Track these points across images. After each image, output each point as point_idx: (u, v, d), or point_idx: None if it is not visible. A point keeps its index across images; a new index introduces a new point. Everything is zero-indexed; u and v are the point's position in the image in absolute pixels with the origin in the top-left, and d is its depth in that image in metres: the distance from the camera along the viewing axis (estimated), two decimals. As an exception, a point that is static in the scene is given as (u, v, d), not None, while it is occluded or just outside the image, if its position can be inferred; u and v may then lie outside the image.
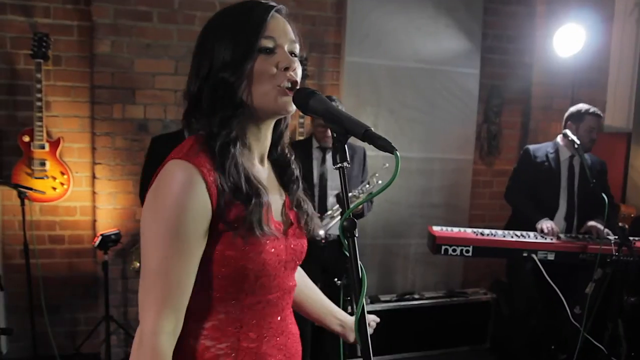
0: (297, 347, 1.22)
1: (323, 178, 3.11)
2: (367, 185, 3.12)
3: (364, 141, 1.00)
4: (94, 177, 3.58)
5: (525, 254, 3.01)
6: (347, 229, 1.00)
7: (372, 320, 1.47)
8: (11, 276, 3.44)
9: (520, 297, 3.51)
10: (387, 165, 3.22)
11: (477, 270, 4.36)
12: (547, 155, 3.36)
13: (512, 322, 3.75)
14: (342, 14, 3.95)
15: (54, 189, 3.43)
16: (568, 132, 3.25)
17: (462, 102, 4.19)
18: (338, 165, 1.03)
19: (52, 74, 3.52)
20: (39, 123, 3.35)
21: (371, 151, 3.48)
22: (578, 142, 3.14)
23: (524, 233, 3.13)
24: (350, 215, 1.01)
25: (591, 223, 3.13)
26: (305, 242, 1.22)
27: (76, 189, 3.55)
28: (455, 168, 4.24)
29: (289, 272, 1.18)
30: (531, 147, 3.49)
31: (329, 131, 1.06)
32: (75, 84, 3.57)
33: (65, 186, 3.46)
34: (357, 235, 1.01)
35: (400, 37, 4.00)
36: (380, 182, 3.28)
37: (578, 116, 3.29)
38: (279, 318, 1.15)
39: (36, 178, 3.37)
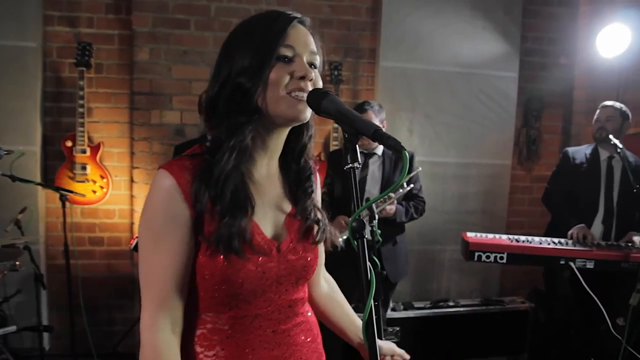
0: (308, 356, 1.21)
1: (361, 185, 3.08)
2: (400, 190, 3.08)
3: (374, 140, 0.99)
4: (132, 180, 3.68)
5: (562, 262, 2.89)
6: (356, 230, 0.99)
7: (399, 354, 1.43)
8: (53, 276, 3.58)
9: (558, 307, 3.39)
10: (420, 168, 3.18)
11: (515, 278, 4.24)
12: (585, 157, 3.27)
13: (550, 332, 3.62)
14: (377, 19, 3.94)
15: (94, 192, 3.55)
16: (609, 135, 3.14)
17: (500, 106, 4.10)
18: (349, 166, 1.02)
19: (94, 81, 3.66)
20: (81, 129, 3.48)
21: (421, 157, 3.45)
22: (620, 145, 3.03)
23: (562, 240, 3.02)
24: (359, 216, 1.00)
25: (634, 237, 3.00)
26: (311, 256, 1.19)
27: (115, 192, 3.67)
28: (492, 173, 4.15)
29: (287, 287, 1.16)
30: (570, 149, 3.41)
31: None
32: (116, 91, 3.69)
33: (104, 189, 3.58)
34: (366, 236, 1.00)
35: (436, 40, 3.95)
36: (412, 185, 3.23)
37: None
38: (272, 331, 1.14)
39: (77, 181, 3.50)
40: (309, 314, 1.25)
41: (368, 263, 0.98)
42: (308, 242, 1.20)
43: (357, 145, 1.04)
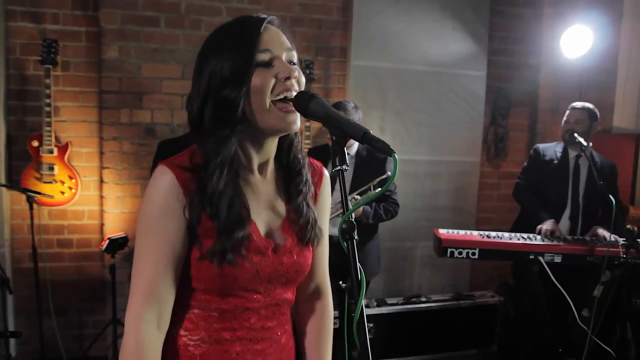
0: (284, 356, 1.23)
1: (332, 184, 3.08)
2: (369, 192, 3.10)
3: (362, 143, 1.00)
4: (101, 181, 3.61)
5: (531, 257, 2.99)
6: (346, 231, 1.01)
7: None
8: (20, 280, 3.48)
9: (527, 300, 3.50)
10: (390, 172, 3.21)
11: (484, 273, 4.34)
12: (555, 154, 3.37)
13: (519, 325, 3.73)
14: (348, 18, 3.96)
15: (62, 193, 3.46)
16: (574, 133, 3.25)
17: (469, 104, 4.19)
18: (337, 169, 1.03)
19: (61, 79, 3.56)
20: (48, 128, 3.39)
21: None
22: (585, 143, 3.14)
23: (531, 235, 3.11)
24: (349, 218, 1.01)
25: (598, 230, 3.11)
26: (305, 259, 1.21)
27: (84, 193, 3.58)
28: (462, 171, 4.23)
29: (278, 287, 1.18)
30: (541, 145, 3.51)
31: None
32: (84, 89, 3.60)
33: (73, 190, 3.49)
34: (356, 237, 1.01)
35: (406, 40, 4.00)
36: (379, 189, 3.26)
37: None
38: (260, 326, 1.16)
39: (45, 182, 3.41)
40: (290, 319, 1.27)
41: (358, 264, 1.00)
42: (303, 246, 1.21)
43: (345, 148, 1.05)
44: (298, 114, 1.10)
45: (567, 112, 3.38)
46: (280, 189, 1.22)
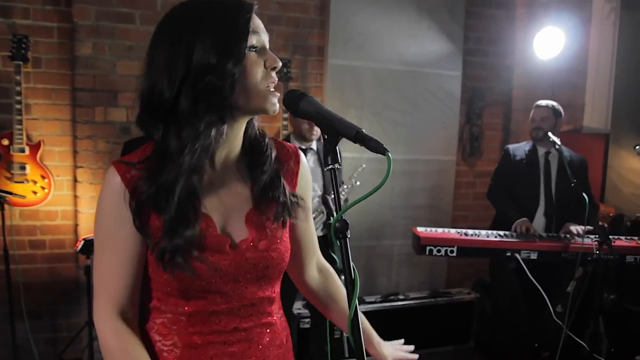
0: (268, 355, 1.17)
1: None
2: (345, 187, 3.13)
3: (355, 142, 1.00)
4: (75, 180, 3.53)
5: (508, 254, 3.05)
6: (340, 230, 1.01)
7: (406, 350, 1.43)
8: (-9, 282, 3.38)
9: (503, 296, 3.56)
10: (364, 166, 3.25)
11: (461, 270, 4.40)
12: (525, 153, 3.43)
13: (495, 321, 3.79)
14: (326, 17, 3.96)
15: (35, 193, 3.37)
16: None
17: (445, 104, 4.24)
18: (330, 167, 1.04)
19: (32, 76, 3.46)
20: (19, 126, 3.29)
21: (347, 153, 3.50)
22: (559, 142, 3.21)
23: (507, 233, 3.17)
24: (342, 217, 1.01)
25: (570, 227, 3.18)
26: (276, 252, 1.13)
27: (57, 193, 3.50)
28: (438, 169, 4.28)
29: (246, 285, 1.10)
30: (511, 146, 3.57)
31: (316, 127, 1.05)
32: (56, 87, 3.51)
33: (46, 190, 3.41)
34: (349, 236, 1.02)
35: (383, 39, 4.02)
36: (358, 183, 3.30)
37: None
38: (233, 328, 1.11)
39: (16, 182, 3.31)
40: (278, 316, 1.21)
41: (352, 262, 1.00)
42: (274, 237, 1.13)
43: (337, 147, 1.05)
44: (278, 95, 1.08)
45: (533, 110, 3.45)
46: (245, 176, 1.14)
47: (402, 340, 1.45)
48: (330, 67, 3.96)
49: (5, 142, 3.32)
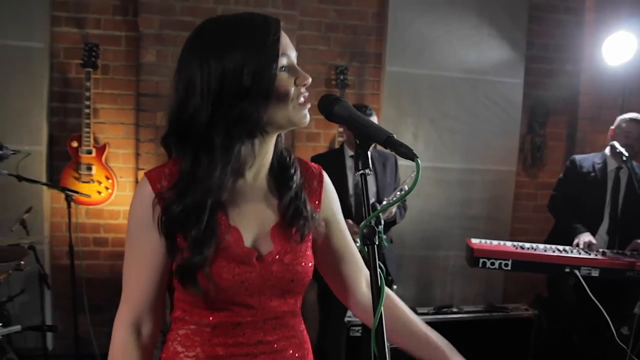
0: None
1: (358, 187, 3.08)
2: (399, 193, 3.08)
3: (385, 148, 0.99)
4: (137, 182, 3.69)
5: (567, 270, 2.89)
6: (367, 236, 0.99)
7: None
8: (58, 276, 3.58)
9: (561, 314, 3.39)
10: (414, 174, 3.17)
11: (518, 285, 4.23)
12: (593, 166, 3.26)
13: (554, 339, 3.61)
14: (383, 24, 3.95)
15: (99, 192, 3.56)
16: (615, 143, 3.13)
17: (505, 112, 4.11)
18: (360, 172, 1.03)
19: (101, 82, 3.67)
20: (87, 129, 3.49)
21: (401, 160, 3.45)
22: (626, 154, 3.03)
23: (567, 247, 3.02)
24: (370, 223, 1.00)
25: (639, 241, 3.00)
26: (301, 267, 1.12)
27: (120, 193, 3.67)
28: (496, 180, 4.15)
29: (272, 298, 1.11)
30: (578, 157, 3.39)
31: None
32: (122, 92, 3.70)
33: (109, 190, 3.58)
34: (376, 242, 1.00)
35: (442, 46, 3.96)
36: (406, 187, 3.23)
37: (617, 124, 3.22)
38: (257, 341, 1.11)
39: (83, 182, 3.51)
40: (301, 330, 1.20)
41: (379, 270, 0.99)
42: (299, 252, 1.13)
43: (368, 152, 1.04)
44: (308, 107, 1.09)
45: (625, 124, 3.17)
46: (272, 191, 1.15)
47: None
48: (387, 74, 3.93)
49: (75, 144, 3.52)
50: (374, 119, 3.09)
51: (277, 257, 1.11)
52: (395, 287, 3.05)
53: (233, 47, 1.01)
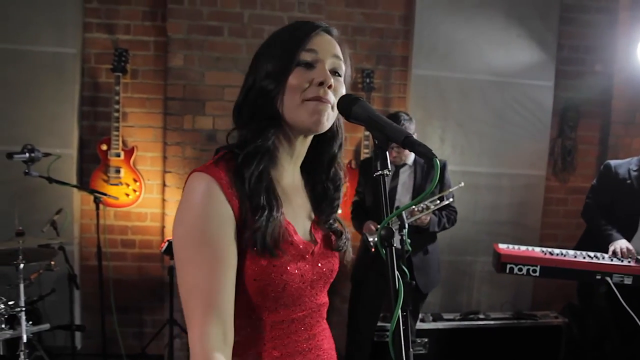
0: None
1: (392, 194, 3.03)
2: (438, 201, 3.01)
3: (404, 148, 0.98)
4: (164, 185, 3.73)
5: (598, 277, 2.81)
6: (385, 238, 0.98)
7: None
8: (86, 276, 3.65)
9: (593, 323, 3.29)
10: (463, 184, 3.08)
11: (548, 292, 4.12)
12: (629, 172, 3.15)
13: (584, 348, 3.51)
14: (410, 27, 3.92)
15: (127, 195, 3.62)
16: None
17: (535, 115, 4.02)
18: (378, 173, 1.01)
19: (130, 86, 3.74)
20: (116, 133, 3.56)
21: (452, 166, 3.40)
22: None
23: (598, 254, 2.93)
24: (388, 224, 0.99)
25: None
26: (335, 261, 1.20)
27: (147, 196, 3.73)
28: (525, 184, 4.06)
29: (317, 291, 1.16)
30: (612, 162, 3.28)
31: (395, 150, 1.04)
32: (150, 96, 3.76)
33: (137, 193, 3.64)
34: (395, 244, 0.99)
35: (469, 48, 3.90)
36: (451, 199, 3.14)
37: None
38: (306, 336, 1.14)
39: (111, 184, 3.57)
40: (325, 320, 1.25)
41: (397, 272, 0.97)
42: (330, 248, 1.20)
43: (387, 152, 1.03)
44: (328, 115, 1.09)
45: None
46: (310, 200, 1.22)
47: None
48: (414, 77, 3.90)
49: (104, 147, 3.59)
50: (412, 126, 3.03)
51: (321, 250, 1.17)
52: (414, 282, 2.99)
53: (271, 44, 1.13)
